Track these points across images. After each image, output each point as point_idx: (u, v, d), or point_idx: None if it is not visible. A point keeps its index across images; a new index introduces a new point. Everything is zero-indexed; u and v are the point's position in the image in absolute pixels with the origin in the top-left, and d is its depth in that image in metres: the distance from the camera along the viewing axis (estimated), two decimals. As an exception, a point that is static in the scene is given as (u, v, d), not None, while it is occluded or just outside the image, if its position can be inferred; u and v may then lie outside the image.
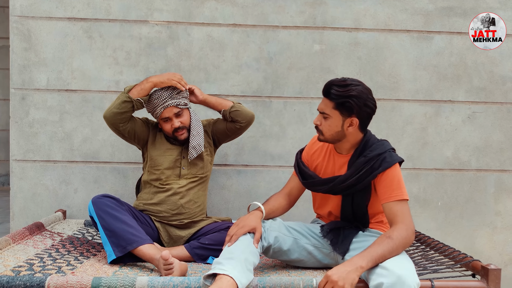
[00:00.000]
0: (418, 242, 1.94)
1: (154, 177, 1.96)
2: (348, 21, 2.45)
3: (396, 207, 1.47)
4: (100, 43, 2.39)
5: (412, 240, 1.44)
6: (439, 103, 2.50)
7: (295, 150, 2.42)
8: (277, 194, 1.74)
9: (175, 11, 2.40)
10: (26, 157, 2.37)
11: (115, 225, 1.69)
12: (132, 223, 1.72)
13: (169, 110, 1.91)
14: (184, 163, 1.98)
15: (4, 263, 1.53)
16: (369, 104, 1.53)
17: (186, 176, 1.97)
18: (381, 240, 1.39)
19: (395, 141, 2.45)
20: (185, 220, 1.94)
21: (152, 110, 1.95)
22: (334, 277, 1.29)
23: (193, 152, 1.95)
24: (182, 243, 1.91)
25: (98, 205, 1.74)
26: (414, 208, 2.48)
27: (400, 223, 1.44)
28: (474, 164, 2.51)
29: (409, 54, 2.48)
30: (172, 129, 1.93)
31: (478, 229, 2.51)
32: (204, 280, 1.34)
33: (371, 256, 1.34)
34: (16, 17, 2.35)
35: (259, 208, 1.61)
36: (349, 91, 1.50)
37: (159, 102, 1.91)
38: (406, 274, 1.27)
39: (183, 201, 1.94)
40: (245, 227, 1.50)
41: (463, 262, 1.56)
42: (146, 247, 1.66)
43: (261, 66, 2.44)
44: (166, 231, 1.93)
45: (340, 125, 1.55)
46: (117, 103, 1.87)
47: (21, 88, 2.36)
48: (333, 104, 1.53)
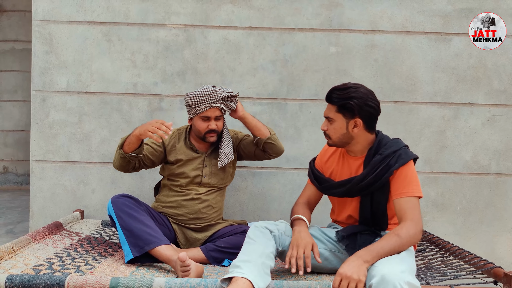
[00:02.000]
0: (436, 247, 1.91)
1: (174, 183, 1.98)
2: (364, 23, 2.44)
3: (407, 204, 1.48)
4: (118, 46, 2.42)
5: (419, 238, 1.45)
6: (458, 106, 2.46)
7: (310, 152, 2.41)
8: (298, 206, 1.72)
9: (192, 15, 2.42)
10: (45, 158, 2.42)
11: (133, 225, 1.71)
12: (150, 223, 1.74)
13: (213, 110, 1.89)
14: (206, 172, 1.98)
15: (25, 262, 1.56)
16: (370, 103, 1.54)
17: (206, 185, 1.98)
18: (389, 237, 1.40)
19: (412, 144, 2.42)
20: (201, 224, 1.95)
21: (196, 104, 1.88)
22: (348, 273, 1.30)
23: (225, 159, 1.94)
24: (198, 245, 1.92)
25: (117, 204, 1.76)
26: (432, 212, 2.44)
27: (409, 220, 1.44)
28: (494, 168, 2.46)
29: (427, 56, 2.45)
30: (207, 129, 1.90)
31: (498, 235, 2.46)
32: (221, 283, 1.34)
33: (376, 252, 1.36)
34: (38, 21, 2.40)
35: (301, 219, 1.61)
36: (349, 93, 1.54)
37: (208, 99, 1.86)
38: (391, 272, 1.25)
39: (201, 206, 1.95)
40: (307, 245, 1.48)
41: (485, 269, 1.52)
42: (163, 248, 1.67)
43: (276, 69, 2.44)
44: (182, 233, 1.94)
45: (344, 127, 1.57)
46: (117, 157, 1.86)
47: (42, 90, 2.42)
48: (336, 107, 1.57)
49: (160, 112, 2.43)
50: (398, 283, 1.23)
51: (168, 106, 2.43)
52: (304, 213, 1.67)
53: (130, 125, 2.42)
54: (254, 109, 2.43)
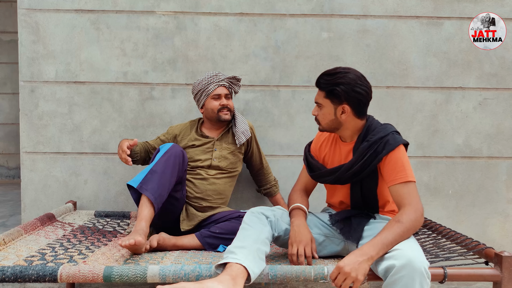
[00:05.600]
0: (429, 230, 1.93)
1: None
2: (356, 8, 2.42)
3: (403, 189, 1.45)
4: (107, 34, 2.38)
5: (421, 222, 1.41)
6: (450, 90, 2.46)
7: (303, 139, 2.41)
8: (296, 193, 1.73)
9: (182, 1, 2.39)
10: (36, 149, 2.39)
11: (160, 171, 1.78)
12: (166, 182, 1.78)
13: (222, 88, 2.07)
14: (216, 155, 2.06)
15: (16, 253, 1.55)
16: (358, 90, 1.51)
17: (216, 168, 2.05)
18: (390, 225, 1.37)
19: (405, 129, 2.42)
20: (204, 204, 2.00)
21: (205, 86, 2.05)
22: (347, 269, 1.27)
23: (242, 137, 2.07)
24: (196, 222, 1.94)
25: (171, 151, 1.84)
26: (425, 196, 2.46)
27: (408, 206, 1.41)
28: (485, 151, 2.47)
29: (419, 41, 2.44)
30: (219, 106, 2.05)
31: (490, 217, 2.49)
32: (216, 269, 1.34)
33: (382, 244, 1.32)
34: (24, 10, 2.35)
35: (299, 208, 1.62)
36: (337, 78, 1.51)
37: (216, 79, 2.05)
38: (416, 256, 1.26)
39: (210, 187, 2.01)
40: (307, 243, 1.50)
41: (476, 250, 1.54)
42: (145, 200, 1.72)
43: (268, 55, 2.42)
44: (185, 208, 1.99)
45: (332, 113, 1.56)
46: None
47: (30, 81, 2.37)
48: (324, 93, 1.56)
49: (152, 101, 2.41)
50: (424, 268, 1.24)
51: (159, 94, 2.41)
52: (302, 201, 1.68)
53: (121, 114, 2.40)
54: (246, 96, 2.42)
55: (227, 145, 2.10)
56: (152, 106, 2.41)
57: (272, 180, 2.30)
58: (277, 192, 2.31)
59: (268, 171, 2.29)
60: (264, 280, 1.36)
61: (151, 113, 2.41)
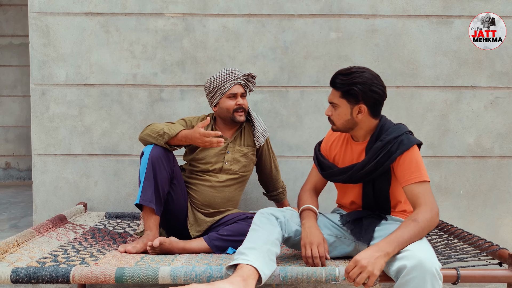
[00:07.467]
0: (441, 230, 1.91)
1: (195, 169, 1.99)
2: (364, 7, 2.40)
3: (417, 189, 1.45)
4: (117, 37, 2.40)
5: (437, 221, 1.41)
6: (460, 89, 2.44)
7: (312, 140, 2.40)
8: (305, 193, 1.72)
9: (190, 3, 2.39)
10: (47, 151, 2.41)
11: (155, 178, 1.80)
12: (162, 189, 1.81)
13: (238, 87, 1.96)
14: (228, 158, 1.98)
15: (29, 255, 1.57)
16: (375, 89, 1.51)
17: (227, 172, 1.98)
18: (406, 224, 1.36)
19: (415, 128, 2.40)
20: (211, 210, 1.97)
21: (220, 84, 1.94)
22: (364, 262, 1.27)
23: (261, 137, 2.02)
24: (205, 228, 1.93)
25: (152, 153, 1.80)
26: (436, 196, 2.43)
27: (424, 205, 1.41)
28: (497, 151, 2.44)
29: (428, 40, 2.42)
30: (235, 106, 1.95)
31: (502, 217, 2.46)
32: (227, 270, 1.34)
33: (398, 241, 1.31)
34: (35, 13, 2.38)
35: (310, 209, 1.62)
36: (353, 78, 1.50)
37: (232, 77, 1.94)
38: (427, 257, 1.25)
39: (218, 195, 1.96)
40: (320, 244, 1.49)
41: (489, 251, 1.52)
42: (146, 210, 1.80)
43: (277, 56, 2.42)
44: (193, 213, 1.96)
45: (349, 113, 1.55)
46: (151, 139, 1.86)
47: (41, 84, 2.40)
48: (340, 93, 1.54)
49: (161, 102, 2.42)
50: (435, 269, 1.23)
51: (168, 96, 2.42)
52: (312, 201, 1.67)
53: (131, 116, 2.41)
54: (255, 97, 2.42)
55: (239, 147, 2.01)
56: (161, 108, 2.42)
57: (279, 187, 2.21)
58: (283, 199, 2.24)
59: (277, 177, 2.19)
60: (275, 281, 1.36)
61: (160, 114, 2.42)
